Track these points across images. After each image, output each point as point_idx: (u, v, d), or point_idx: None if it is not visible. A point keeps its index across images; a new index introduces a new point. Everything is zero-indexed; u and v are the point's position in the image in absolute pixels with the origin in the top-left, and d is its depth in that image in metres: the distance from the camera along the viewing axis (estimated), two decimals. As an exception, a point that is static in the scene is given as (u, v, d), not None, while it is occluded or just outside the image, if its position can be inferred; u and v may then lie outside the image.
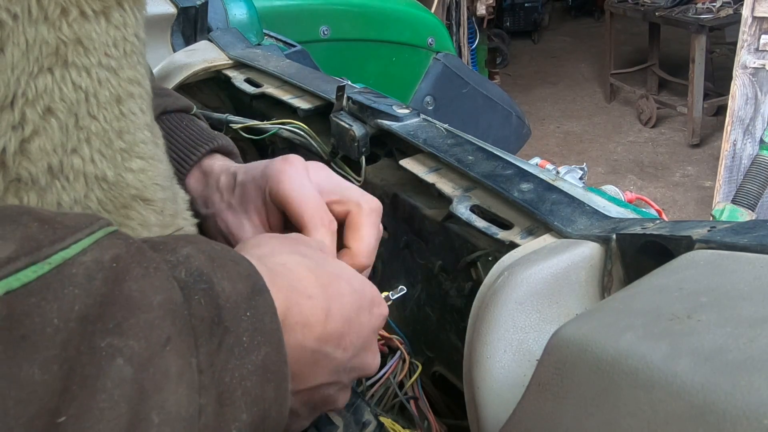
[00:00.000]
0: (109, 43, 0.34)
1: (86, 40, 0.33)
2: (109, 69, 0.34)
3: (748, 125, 2.79)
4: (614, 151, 4.04)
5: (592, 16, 6.61)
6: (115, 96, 0.35)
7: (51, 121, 0.32)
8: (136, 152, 0.37)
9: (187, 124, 0.57)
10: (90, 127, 0.34)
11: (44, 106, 0.31)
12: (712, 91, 3.97)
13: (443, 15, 3.71)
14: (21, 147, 0.31)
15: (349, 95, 0.69)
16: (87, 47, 0.33)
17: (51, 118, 0.32)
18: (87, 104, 0.33)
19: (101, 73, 0.34)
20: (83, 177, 0.34)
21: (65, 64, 0.32)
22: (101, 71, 0.34)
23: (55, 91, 0.32)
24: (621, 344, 0.27)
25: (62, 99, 0.32)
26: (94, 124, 0.34)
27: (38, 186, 0.32)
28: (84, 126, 0.33)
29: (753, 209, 1.96)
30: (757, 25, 2.64)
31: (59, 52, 0.31)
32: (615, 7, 4.37)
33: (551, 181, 0.54)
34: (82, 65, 0.33)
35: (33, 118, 0.31)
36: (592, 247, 0.44)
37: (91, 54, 0.33)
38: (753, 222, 0.36)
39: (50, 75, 0.31)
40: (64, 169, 0.33)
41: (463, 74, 1.94)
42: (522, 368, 0.41)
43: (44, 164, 0.32)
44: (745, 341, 0.24)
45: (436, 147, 0.61)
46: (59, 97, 0.32)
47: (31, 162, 0.31)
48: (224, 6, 1.21)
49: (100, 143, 0.34)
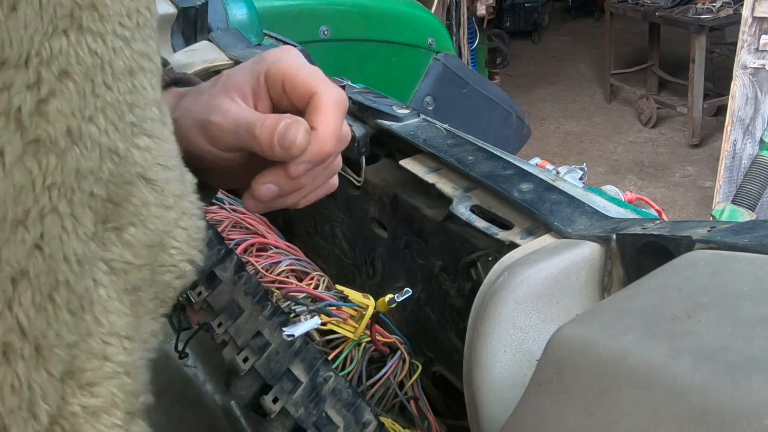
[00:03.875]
0: (123, 12, 0.35)
1: (101, 6, 0.33)
2: (123, 39, 0.35)
3: (748, 125, 2.79)
4: (614, 151, 4.04)
5: (592, 16, 6.61)
6: (128, 68, 0.36)
7: (68, 84, 0.32)
8: (143, 129, 0.38)
9: None
10: (105, 97, 0.34)
11: (60, 68, 0.32)
12: (712, 91, 3.98)
13: (443, 15, 3.71)
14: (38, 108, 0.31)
15: (350, 95, 0.69)
16: (101, 14, 0.33)
17: (68, 81, 0.32)
18: (102, 72, 0.34)
19: (115, 42, 0.34)
20: (99, 147, 0.34)
21: (80, 29, 0.32)
22: (116, 40, 0.34)
23: (71, 54, 0.32)
24: (621, 344, 0.27)
25: (78, 62, 0.32)
26: (109, 94, 0.34)
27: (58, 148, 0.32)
28: (100, 94, 0.34)
29: (753, 209, 1.96)
30: (757, 25, 2.64)
31: (74, 14, 0.32)
32: (615, 7, 4.37)
33: (551, 181, 0.54)
34: (97, 31, 0.33)
35: (49, 78, 0.31)
36: (592, 247, 0.44)
37: (105, 21, 0.34)
38: (753, 222, 0.36)
39: (65, 37, 0.32)
40: (83, 135, 0.33)
41: (463, 74, 1.94)
42: (522, 368, 0.41)
43: (63, 126, 0.32)
44: (745, 341, 0.24)
45: (436, 147, 0.61)
46: (75, 60, 0.32)
47: (49, 123, 0.32)
48: (224, 6, 1.21)
49: (113, 114, 0.35)
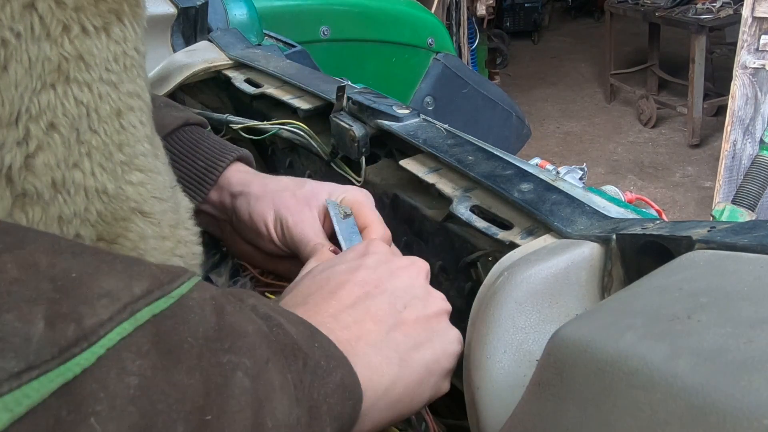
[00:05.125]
0: (110, 58, 0.35)
1: (87, 56, 0.33)
2: (110, 83, 0.35)
3: (748, 125, 2.79)
4: (614, 151, 4.04)
5: (592, 17, 6.61)
6: (115, 110, 0.36)
7: (54, 136, 0.33)
8: (135, 165, 0.38)
9: (210, 135, 0.63)
10: (91, 141, 0.35)
11: (47, 122, 0.32)
12: (712, 92, 3.97)
13: (443, 15, 3.70)
14: (26, 162, 0.32)
15: (349, 95, 0.69)
16: (88, 63, 0.34)
17: (54, 133, 0.33)
18: (88, 119, 0.34)
19: (102, 88, 0.35)
20: (83, 190, 0.35)
21: (67, 80, 0.33)
22: (102, 86, 0.35)
23: (58, 107, 0.32)
24: (621, 344, 0.27)
25: (65, 114, 0.33)
26: (95, 138, 0.35)
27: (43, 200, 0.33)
28: (85, 140, 0.34)
29: (753, 209, 1.96)
30: (757, 26, 2.64)
31: (61, 68, 0.32)
32: (615, 7, 4.37)
33: (551, 181, 0.54)
34: (83, 81, 0.34)
35: (37, 133, 0.32)
36: (592, 247, 0.44)
37: (92, 69, 0.34)
38: (753, 222, 0.36)
39: (53, 91, 0.32)
40: (66, 183, 0.34)
41: (463, 74, 1.94)
42: (522, 368, 0.41)
43: (48, 179, 0.33)
44: (745, 341, 0.24)
45: (436, 147, 0.61)
46: (62, 112, 0.33)
47: (36, 177, 0.32)
48: (224, 6, 1.21)
49: (100, 157, 0.35)
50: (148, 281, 0.27)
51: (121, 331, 0.24)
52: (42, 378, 0.21)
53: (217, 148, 0.60)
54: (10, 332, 0.21)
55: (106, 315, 0.24)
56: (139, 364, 0.24)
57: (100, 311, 0.24)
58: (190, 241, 0.46)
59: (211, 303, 0.29)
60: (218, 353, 0.27)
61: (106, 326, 0.24)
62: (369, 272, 0.44)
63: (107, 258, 0.27)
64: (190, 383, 0.25)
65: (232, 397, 0.27)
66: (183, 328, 0.27)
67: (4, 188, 0.31)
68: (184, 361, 0.26)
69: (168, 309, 0.27)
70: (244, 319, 0.31)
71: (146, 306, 0.26)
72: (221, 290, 0.32)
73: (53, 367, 0.22)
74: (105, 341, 0.23)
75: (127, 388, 0.23)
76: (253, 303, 0.34)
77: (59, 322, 0.23)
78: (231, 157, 0.60)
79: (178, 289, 0.28)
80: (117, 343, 0.24)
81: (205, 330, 0.28)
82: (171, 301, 0.27)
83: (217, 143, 0.61)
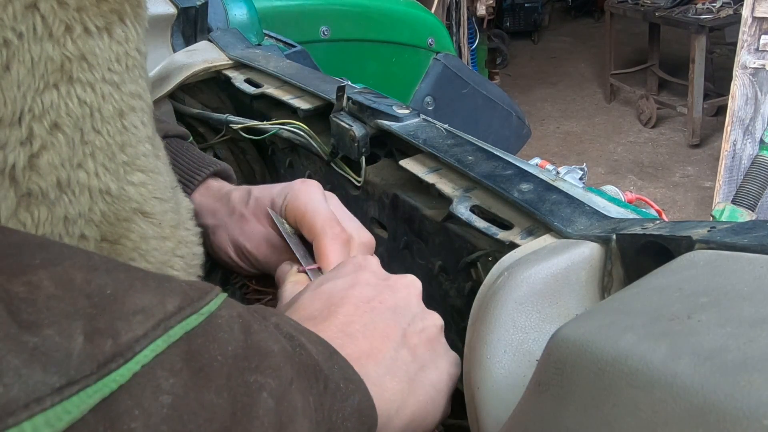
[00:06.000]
0: (112, 58, 0.35)
1: (90, 56, 0.34)
2: (112, 84, 0.36)
3: (748, 125, 2.79)
4: (614, 151, 4.04)
5: (592, 17, 6.61)
6: (118, 110, 0.36)
7: (58, 136, 0.33)
8: (137, 165, 0.38)
9: (188, 148, 0.62)
10: (95, 142, 0.35)
11: (51, 122, 0.32)
12: (712, 92, 3.97)
13: (443, 15, 3.70)
14: (30, 162, 0.32)
15: (349, 95, 0.69)
16: (91, 63, 0.34)
17: (58, 133, 0.33)
18: (92, 119, 0.35)
19: (105, 88, 0.35)
20: (88, 191, 0.35)
21: (70, 80, 0.33)
22: (105, 86, 0.35)
23: (62, 107, 0.33)
24: (621, 344, 0.27)
25: (68, 114, 0.33)
26: (99, 139, 0.35)
27: (48, 200, 0.33)
28: (89, 140, 0.35)
29: (753, 209, 1.96)
30: (757, 26, 2.64)
31: (64, 68, 0.32)
32: (615, 7, 4.37)
33: (551, 181, 0.54)
34: (86, 81, 0.34)
35: (41, 133, 0.32)
36: (592, 247, 0.44)
37: (95, 69, 0.34)
38: (753, 222, 0.36)
39: (56, 91, 0.32)
40: (71, 183, 0.34)
41: (463, 74, 1.94)
42: (522, 368, 0.41)
43: (53, 178, 0.33)
44: (745, 341, 0.24)
45: (436, 147, 0.61)
46: (65, 112, 0.33)
47: (40, 176, 0.32)
48: (224, 6, 1.21)
49: (103, 157, 0.36)
50: (179, 298, 0.27)
51: (155, 348, 0.24)
52: (81, 393, 0.21)
53: (194, 163, 0.60)
54: (51, 347, 0.21)
55: (141, 331, 0.24)
56: (172, 382, 0.24)
57: (135, 327, 0.24)
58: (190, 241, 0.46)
59: (239, 321, 0.29)
60: (245, 372, 0.28)
61: (141, 342, 0.24)
62: (369, 288, 0.43)
63: (139, 274, 0.27)
64: (219, 403, 0.25)
65: (256, 418, 0.27)
66: (213, 346, 0.27)
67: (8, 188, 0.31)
68: (214, 380, 0.26)
69: (199, 326, 0.27)
70: (270, 337, 0.31)
71: (178, 323, 0.26)
72: (246, 307, 0.32)
73: (92, 382, 0.22)
74: (140, 357, 0.24)
75: (161, 407, 0.23)
76: (276, 321, 0.34)
77: (97, 337, 0.23)
78: (202, 176, 0.59)
79: (207, 306, 0.28)
80: (151, 360, 0.24)
81: (234, 348, 0.28)
82: (201, 318, 0.27)
83: (193, 158, 0.61)
